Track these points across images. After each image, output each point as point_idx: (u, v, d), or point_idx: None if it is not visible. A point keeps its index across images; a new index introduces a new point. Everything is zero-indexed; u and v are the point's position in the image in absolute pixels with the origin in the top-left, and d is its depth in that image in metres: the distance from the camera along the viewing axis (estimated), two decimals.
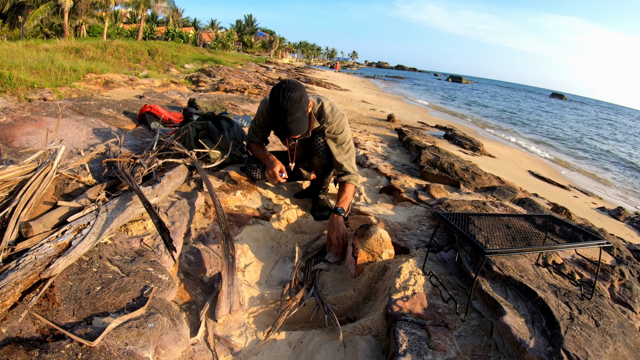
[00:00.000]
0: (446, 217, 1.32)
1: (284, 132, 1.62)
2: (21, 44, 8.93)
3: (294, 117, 1.58)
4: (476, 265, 1.35)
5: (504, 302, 1.18)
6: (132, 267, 1.21)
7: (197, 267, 1.39)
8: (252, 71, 13.24)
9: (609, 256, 1.72)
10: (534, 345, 1.01)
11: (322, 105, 1.79)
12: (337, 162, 1.85)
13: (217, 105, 3.84)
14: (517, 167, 5.28)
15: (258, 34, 50.04)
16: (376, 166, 3.02)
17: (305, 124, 1.65)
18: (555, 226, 1.41)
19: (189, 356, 1.04)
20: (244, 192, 2.07)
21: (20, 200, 1.30)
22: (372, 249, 1.50)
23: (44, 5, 16.79)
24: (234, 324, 1.21)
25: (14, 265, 1.02)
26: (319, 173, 2.02)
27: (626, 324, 1.16)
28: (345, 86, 14.10)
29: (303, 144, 1.97)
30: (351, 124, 5.36)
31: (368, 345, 1.14)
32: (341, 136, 1.83)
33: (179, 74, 9.32)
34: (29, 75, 4.74)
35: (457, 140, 5.53)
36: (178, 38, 29.11)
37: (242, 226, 1.78)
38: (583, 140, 11.65)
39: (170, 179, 1.76)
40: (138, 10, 24.05)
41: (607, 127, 20.24)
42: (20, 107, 2.59)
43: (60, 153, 1.62)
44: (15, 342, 0.87)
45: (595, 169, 7.45)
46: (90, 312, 1.00)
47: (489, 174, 3.00)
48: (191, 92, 6.08)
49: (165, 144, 2.13)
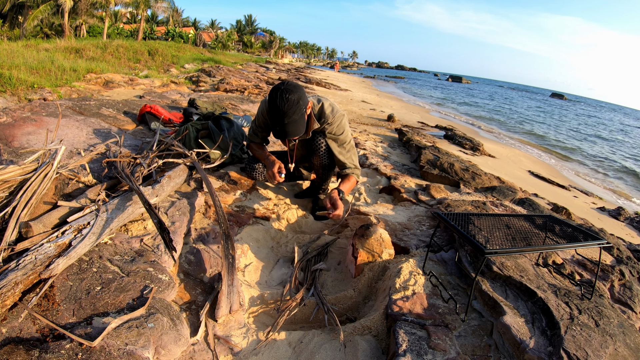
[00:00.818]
0: (446, 217, 1.32)
1: (282, 134, 1.62)
2: (21, 44, 8.93)
3: (292, 119, 1.58)
4: (476, 265, 1.35)
5: (504, 302, 1.18)
6: (132, 267, 1.21)
7: (197, 267, 1.39)
8: (252, 71, 13.24)
9: (609, 256, 1.72)
10: (534, 345, 1.01)
11: (322, 105, 1.79)
12: (340, 161, 1.87)
13: (217, 105, 3.84)
14: (517, 167, 5.28)
15: (258, 34, 50.03)
16: (376, 166, 3.02)
17: (302, 125, 1.65)
18: (555, 226, 1.41)
19: (189, 356, 1.04)
20: (244, 192, 2.07)
21: (20, 200, 1.30)
22: (372, 249, 1.50)
23: (44, 5, 16.79)
24: (234, 324, 1.21)
25: (14, 265, 1.01)
26: (319, 173, 2.02)
27: (626, 324, 1.16)
28: (345, 86, 14.11)
29: (303, 144, 1.97)
30: (351, 124, 5.36)
31: (368, 345, 1.14)
32: (342, 136, 1.83)
33: (179, 74, 9.32)
34: (29, 75, 4.74)
35: (457, 140, 5.53)
36: (178, 38, 29.11)
37: (242, 226, 1.78)
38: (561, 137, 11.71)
39: (170, 179, 1.76)
40: (138, 10, 24.04)
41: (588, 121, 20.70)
42: (20, 107, 2.59)
43: (60, 153, 1.62)
44: (16, 342, 0.87)
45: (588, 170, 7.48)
46: (90, 312, 1.00)
47: (489, 174, 3.00)
48: (191, 92, 6.08)
49: (166, 144, 2.13)
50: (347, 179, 1.85)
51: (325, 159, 1.91)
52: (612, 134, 15.75)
